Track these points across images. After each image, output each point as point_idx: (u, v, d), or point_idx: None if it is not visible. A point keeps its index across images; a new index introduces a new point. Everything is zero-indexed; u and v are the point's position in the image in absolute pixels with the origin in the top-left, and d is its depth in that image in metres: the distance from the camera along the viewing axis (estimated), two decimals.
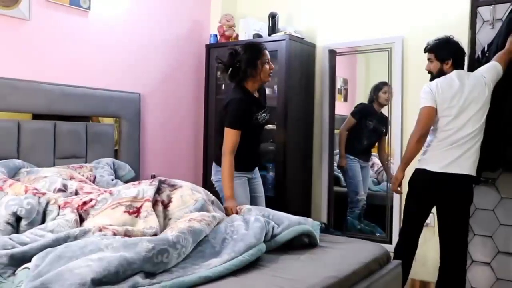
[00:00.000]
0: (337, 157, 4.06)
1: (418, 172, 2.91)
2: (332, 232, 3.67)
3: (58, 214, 2.19)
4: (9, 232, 2.04)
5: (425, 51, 3.01)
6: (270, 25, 3.92)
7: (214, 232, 2.12)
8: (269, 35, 3.90)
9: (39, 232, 1.98)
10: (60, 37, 3.24)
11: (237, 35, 4.12)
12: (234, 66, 2.92)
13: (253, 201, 3.06)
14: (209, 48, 4.19)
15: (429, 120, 2.81)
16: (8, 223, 2.06)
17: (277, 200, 3.64)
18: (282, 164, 3.70)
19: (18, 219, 2.10)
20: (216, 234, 2.11)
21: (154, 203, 2.24)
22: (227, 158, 2.83)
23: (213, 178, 3.09)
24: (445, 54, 2.92)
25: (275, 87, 3.80)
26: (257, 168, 3.20)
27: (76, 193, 2.50)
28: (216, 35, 4.20)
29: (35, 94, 3.01)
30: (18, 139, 2.92)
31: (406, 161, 2.91)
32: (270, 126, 3.75)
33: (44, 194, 2.28)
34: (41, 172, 2.70)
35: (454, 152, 2.79)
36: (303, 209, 3.95)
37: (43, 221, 2.17)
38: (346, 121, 4.02)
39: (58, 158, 3.13)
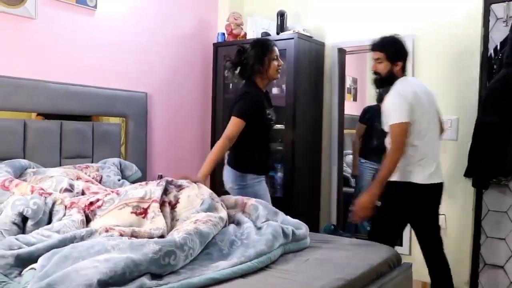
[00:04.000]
0: (346, 158, 4.06)
1: (404, 185, 2.75)
2: (341, 233, 3.67)
3: (64, 215, 2.20)
4: (15, 232, 2.05)
5: (373, 49, 2.83)
6: (279, 23, 3.92)
7: (221, 234, 2.12)
8: (278, 33, 3.90)
9: (45, 233, 1.99)
10: (66, 36, 3.26)
11: (245, 34, 4.12)
12: (242, 63, 2.90)
13: None
14: (216, 47, 4.19)
15: (406, 137, 2.65)
16: (14, 223, 2.07)
17: (285, 200, 3.64)
18: (290, 164, 3.70)
19: (24, 219, 2.11)
20: (224, 236, 2.11)
21: (162, 204, 2.24)
22: (223, 141, 2.72)
23: (230, 185, 2.92)
24: (397, 55, 2.77)
25: (284, 86, 3.80)
26: None
27: (83, 193, 2.52)
28: (223, 34, 4.21)
29: (41, 93, 3.03)
30: (24, 138, 2.94)
31: (384, 180, 2.69)
32: (278, 126, 3.75)
33: (50, 194, 2.29)
34: (48, 172, 2.71)
35: (432, 161, 2.75)
36: (312, 210, 3.95)
37: (49, 221, 2.18)
38: (357, 129, 4.00)
39: (64, 158, 3.14)
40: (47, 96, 3.06)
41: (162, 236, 2.00)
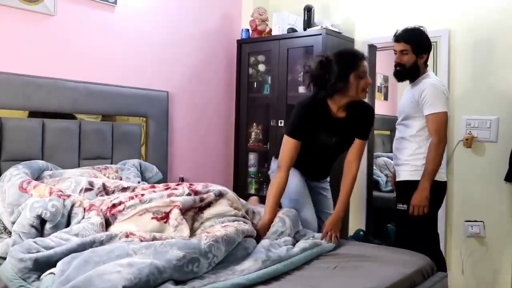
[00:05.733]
0: (377, 160, 4.01)
1: (433, 184, 2.75)
2: (371, 240, 3.63)
3: (83, 217, 2.23)
4: (33, 235, 2.08)
5: (398, 40, 2.85)
6: (306, 18, 3.90)
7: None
8: (305, 29, 3.88)
9: (64, 236, 2.02)
10: (85, 33, 3.30)
11: (270, 30, 4.12)
12: (322, 77, 2.55)
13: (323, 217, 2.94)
14: (240, 43, 4.20)
15: (447, 128, 2.75)
16: (33, 226, 2.11)
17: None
18: None
19: (42, 221, 2.15)
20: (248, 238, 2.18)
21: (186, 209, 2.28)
22: (277, 173, 2.62)
23: None
24: (423, 47, 2.82)
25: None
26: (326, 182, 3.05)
27: (104, 187, 2.55)
28: (248, 30, 4.22)
29: (60, 92, 3.07)
30: (43, 138, 2.98)
31: (433, 174, 2.72)
32: None
33: (69, 196, 2.32)
34: (65, 174, 2.75)
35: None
36: None
37: (68, 224, 2.21)
38: None
39: (83, 159, 3.18)
40: (66, 95, 3.10)
41: None
